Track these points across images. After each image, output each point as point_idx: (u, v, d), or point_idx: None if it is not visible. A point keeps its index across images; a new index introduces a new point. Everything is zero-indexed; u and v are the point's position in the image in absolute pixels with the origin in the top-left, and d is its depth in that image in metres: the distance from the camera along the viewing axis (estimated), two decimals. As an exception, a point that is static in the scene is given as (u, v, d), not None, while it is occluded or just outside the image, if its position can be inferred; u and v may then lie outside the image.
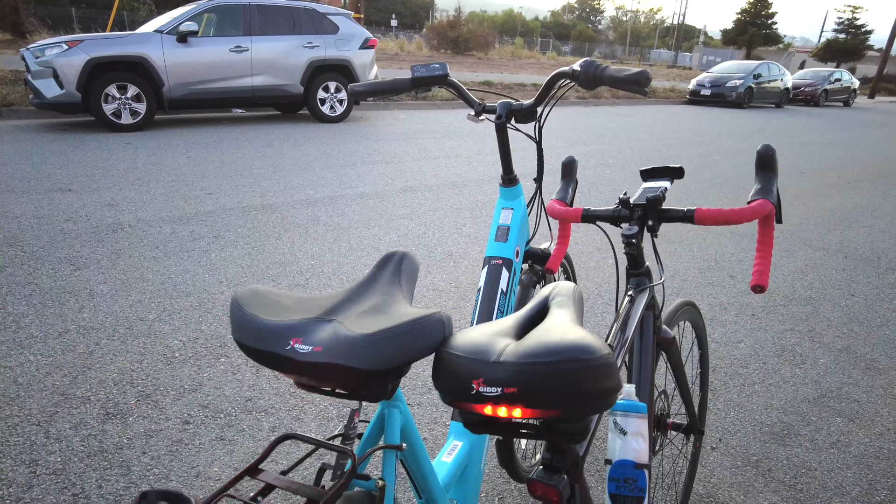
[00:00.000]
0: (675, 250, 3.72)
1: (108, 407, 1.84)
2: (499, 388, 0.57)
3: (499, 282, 1.17)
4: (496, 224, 1.23)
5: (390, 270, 0.79)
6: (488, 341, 0.62)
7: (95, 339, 2.22)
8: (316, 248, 3.29)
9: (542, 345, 0.58)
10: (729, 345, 2.52)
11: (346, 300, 0.73)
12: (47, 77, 6.08)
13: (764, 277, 1.04)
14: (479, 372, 0.59)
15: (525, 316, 0.71)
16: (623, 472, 0.98)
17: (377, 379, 0.64)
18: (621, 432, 1.01)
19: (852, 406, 2.13)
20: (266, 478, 0.67)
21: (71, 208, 3.71)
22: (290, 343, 0.65)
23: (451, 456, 1.02)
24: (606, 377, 0.57)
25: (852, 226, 4.57)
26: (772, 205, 1.01)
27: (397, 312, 0.68)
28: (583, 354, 0.56)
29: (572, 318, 0.65)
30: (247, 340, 0.68)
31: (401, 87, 1.23)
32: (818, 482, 1.73)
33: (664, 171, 1.11)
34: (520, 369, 0.57)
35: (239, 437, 1.75)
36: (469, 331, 0.67)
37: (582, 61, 1.03)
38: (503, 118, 1.17)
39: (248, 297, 0.71)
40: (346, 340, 0.63)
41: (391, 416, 0.78)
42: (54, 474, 1.55)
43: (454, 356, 0.62)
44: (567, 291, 0.72)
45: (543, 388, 0.56)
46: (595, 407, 0.58)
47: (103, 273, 2.80)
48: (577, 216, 1.13)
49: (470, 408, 0.61)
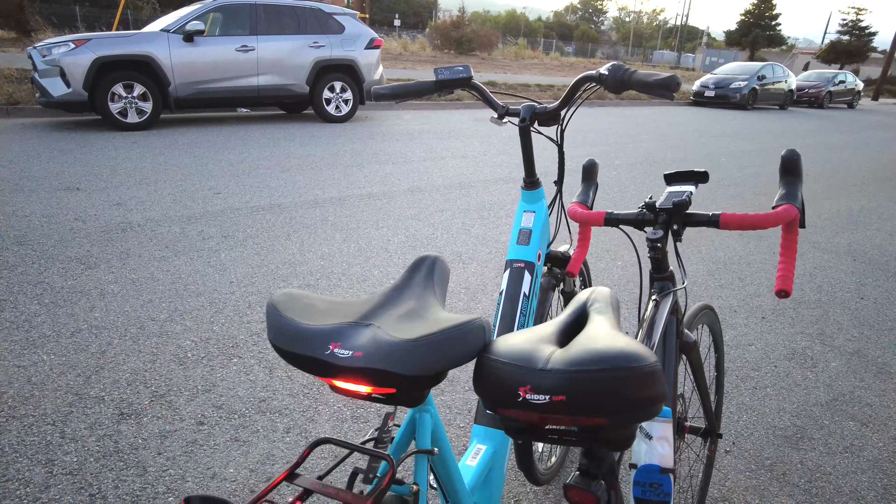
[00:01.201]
0: (683, 252, 3.72)
1: (122, 407, 1.84)
2: (547, 395, 0.57)
3: (521, 285, 1.17)
4: (517, 227, 1.23)
5: (423, 275, 0.79)
6: (533, 348, 0.62)
7: (108, 339, 2.22)
8: (325, 249, 3.29)
9: (590, 352, 0.58)
10: (740, 347, 2.52)
11: (381, 304, 0.73)
12: (54, 76, 6.09)
13: (788, 282, 1.04)
14: (526, 379, 0.59)
15: (565, 322, 0.71)
16: (649, 476, 0.98)
17: (417, 384, 0.64)
18: (647, 437, 1.01)
19: (865, 410, 2.13)
20: (303, 483, 0.67)
21: (80, 207, 3.72)
22: (330, 348, 0.65)
23: (475, 460, 1.02)
24: (654, 385, 0.57)
25: (860, 228, 4.56)
26: (797, 210, 1.01)
27: (435, 318, 0.68)
28: (631, 362, 0.56)
29: (613, 325, 0.65)
30: (285, 344, 0.68)
31: (425, 90, 1.23)
32: (833, 486, 1.72)
33: (688, 175, 1.11)
34: (568, 377, 0.57)
35: (254, 437, 1.75)
36: (510, 337, 0.67)
37: (610, 65, 1.02)
38: (527, 121, 1.17)
39: (285, 301, 0.71)
40: (387, 345, 0.63)
41: (422, 421, 0.78)
42: (71, 474, 1.55)
43: (499, 362, 0.62)
44: (605, 297, 0.72)
45: (593, 396, 0.56)
46: (642, 415, 0.58)
47: (113, 272, 2.81)
48: (600, 219, 1.13)
49: (515, 415, 0.61)
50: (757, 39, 40.16)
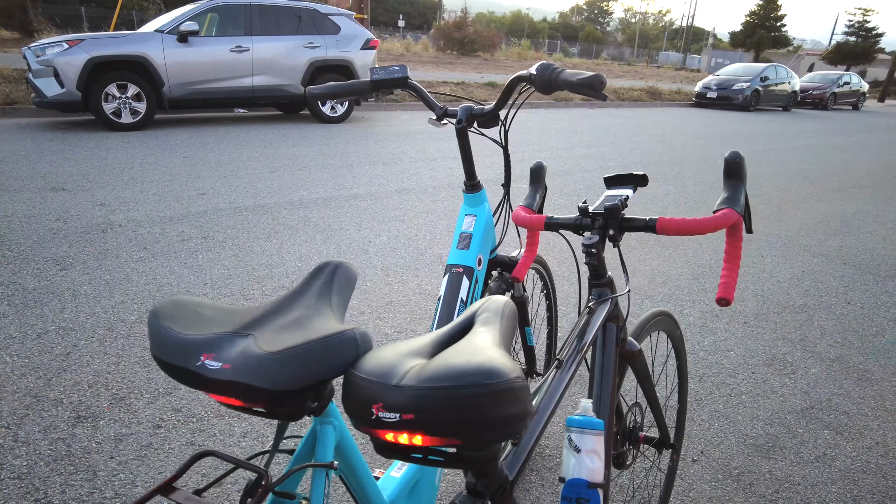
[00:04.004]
0: (668, 255, 3.67)
1: (79, 410, 1.82)
2: (397, 413, 0.54)
3: (459, 290, 1.14)
4: (458, 231, 1.19)
5: (321, 282, 0.76)
6: (396, 362, 0.59)
7: (74, 341, 2.20)
8: (304, 250, 3.27)
9: (446, 368, 0.54)
10: (718, 353, 2.48)
11: (269, 313, 0.70)
12: (48, 76, 6.10)
13: (730, 290, 1.00)
14: (379, 396, 0.55)
15: (446, 333, 0.67)
16: (576, 490, 0.94)
17: (289, 399, 0.61)
18: (576, 449, 0.97)
19: (841, 418, 2.08)
20: (178, 497, 0.64)
21: (62, 208, 3.71)
22: (201, 359, 0.62)
23: (400, 471, 0.99)
24: (511, 403, 0.53)
25: (853, 231, 4.50)
26: (738, 214, 0.97)
27: (315, 328, 0.65)
28: (486, 379, 0.52)
29: (493, 337, 0.62)
30: (162, 355, 0.65)
31: (359, 90, 1.20)
32: (800, 497, 1.68)
33: (628, 179, 1.07)
34: (418, 394, 0.53)
35: (210, 441, 1.72)
36: (382, 349, 0.64)
37: (538, 65, 0.99)
38: (463, 122, 1.14)
39: (168, 309, 0.68)
40: (253, 358, 0.60)
41: (323, 433, 0.75)
42: (18, 479, 1.53)
43: (359, 378, 0.58)
44: (496, 307, 0.69)
45: (441, 415, 0.53)
46: (499, 435, 0.54)
47: (88, 273, 2.79)
48: (541, 223, 1.10)
49: (372, 432, 0.58)
50: (762, 40, 39.93)
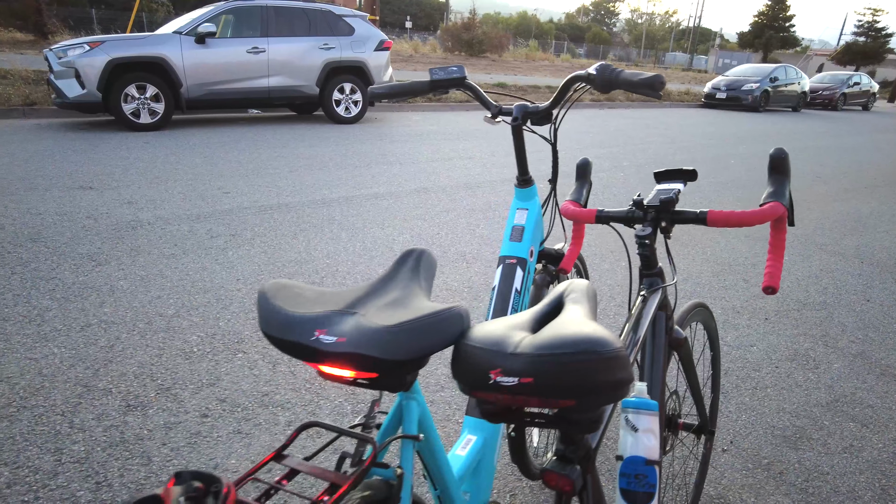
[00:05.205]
0: (688, 253, 3.72)
1: (129, 399, 1.89)
2: (516, 377, 0.60)
3: (513, 280, 1.19)
4: (511, 224, 1.25)
5: (409, 266, 0.82)
6: (506, 334, 0.65)
7: (116, 334, 2.27)
8: (331, 248, 3.33)
9: (558, 337, 0.61)
10: (742, 348, 2.52)
11: (367, 294, 0.76)
12: (69, 77, 6.21)
13: (775, 279, 1.05)
14: (497, 362, 0.62)
15: (541, 311, 0.73)
16: (634, 467, 1.00)
17: (397, 369, 0.67)
18: (633, 429, 1.03)
19: (866, 411, 2.12)
20: (290, 463, 0.70)
21: (92, 206, 3.79)
22: (315, 334, 0.68)
23: (465, 450, 1.04)
24: (619, 369, 0.59)
25: (869, 231, 4.53)
26: (784, 207, 1.03)
27: (417, 306, 0.71)
28: (596, 347, 0.59)
29: (586, 314, 0.68)
30: (273, 331, 0.71)
31: (419, 90, 1.26)
32: (830, 486, 1.73)
33: (677, 174, 1.13)
34: (536, 360, 0.59)
35: (256, 430, 1.78)
36: (487, 324, 0.70)
37: (597, 65, 1.05)
38: (519, 120, 1.19)
39: (275, 290, 0.75)
40: (368, 331, 0.66)
41: (409, 408, 0.81)
42: (78, 463, 1.60)
43: (473, 347, 0.65)
44: (581, 288, 0.75)
45: (558, 379, 0.59)
46: (608, 398, 0.60)
47: (123, 269, 2.87)
48: (591, 217, 1.15)
49: (487, 397, 0.64)
50: (770, 41, 39.81)
